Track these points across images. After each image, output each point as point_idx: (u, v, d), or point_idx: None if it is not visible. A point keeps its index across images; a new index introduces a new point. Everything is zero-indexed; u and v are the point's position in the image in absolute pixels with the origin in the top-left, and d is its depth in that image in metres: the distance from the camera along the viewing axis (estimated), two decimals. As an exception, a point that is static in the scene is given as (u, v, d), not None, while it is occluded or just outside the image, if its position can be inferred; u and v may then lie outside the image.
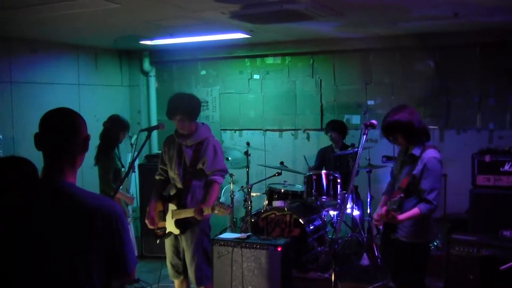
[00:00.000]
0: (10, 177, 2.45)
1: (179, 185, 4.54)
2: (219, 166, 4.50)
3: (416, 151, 3.94)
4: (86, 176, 5.41)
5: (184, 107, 4.41)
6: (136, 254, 5.53)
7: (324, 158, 6.90)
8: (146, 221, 4.62)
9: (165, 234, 4.61)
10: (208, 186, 4.50)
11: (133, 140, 6.30)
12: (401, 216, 3.86)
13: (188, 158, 4.49)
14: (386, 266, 4.40)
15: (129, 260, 2.17)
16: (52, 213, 2.07)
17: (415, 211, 3.86)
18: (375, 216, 4.19)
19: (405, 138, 3.95)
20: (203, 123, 4.63)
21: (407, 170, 3.98)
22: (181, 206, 4.50)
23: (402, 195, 3.85)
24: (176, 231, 4.51)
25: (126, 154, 6.78)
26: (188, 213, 4.40)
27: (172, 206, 4.54)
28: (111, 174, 5.32)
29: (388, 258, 4.43)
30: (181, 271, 4.69)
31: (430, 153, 3.91)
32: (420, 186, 3.89)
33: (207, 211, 4.29)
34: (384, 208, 3.91)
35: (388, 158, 6.09)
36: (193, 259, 4.51)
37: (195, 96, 4.65)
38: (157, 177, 4.75)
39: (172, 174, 4.60)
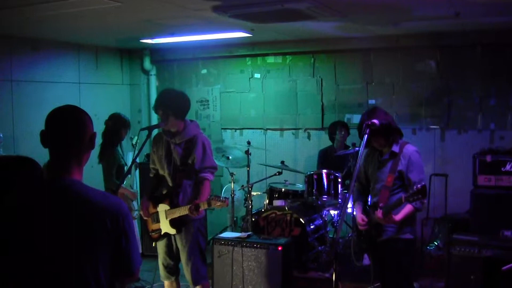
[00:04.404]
0: (16, 177, 2.42)
1: (170, 184, 4.52)
2: (209, 163, 4.48)
3: (395, 148, 4.05)
4: (87, 174, 5.40)
5: (168, 103, 4.37)
6: (140, 251, 5.53)
7: (324, 159, 6.89)
8: (141, 212, 4.62)
9: (161, 236, 4.58)
10: (198, 183, 4.47)
11: (134, 141, 6.36)
12: (398, 217, 3.92)
13: (178, 156, 4.45)
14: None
15: (134, 259, 2.16)
16: (59, 211, 2.05)
17: (408, 208, 3.90)
18: (359, 220, 4.18)
19: (385, 139, 4.03)
20: (191, 120, 4.58)
21: (389, 168, 4.03)
22: (174, 205, 4.46)
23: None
24: (172, 231, 4.48)
25: (128, 153, 6.78)
26: (182, 211, 4.37)
27: (164, 206, 4.51)
28: (114, 170, 5.47)
29: (375, 260, 4.43)
30: (173, 271, 4.69)
31: (410, 148, 4.08)
32: (408, 180, 3.97)
33: (203, 206, 4.27)
34: (380, 211, 3.92)
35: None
36: (190, 258, 4.49)
37: (184, 94, 4.59)
38: (151, 175, 4.75)
39: (162, 173, 4.57)
